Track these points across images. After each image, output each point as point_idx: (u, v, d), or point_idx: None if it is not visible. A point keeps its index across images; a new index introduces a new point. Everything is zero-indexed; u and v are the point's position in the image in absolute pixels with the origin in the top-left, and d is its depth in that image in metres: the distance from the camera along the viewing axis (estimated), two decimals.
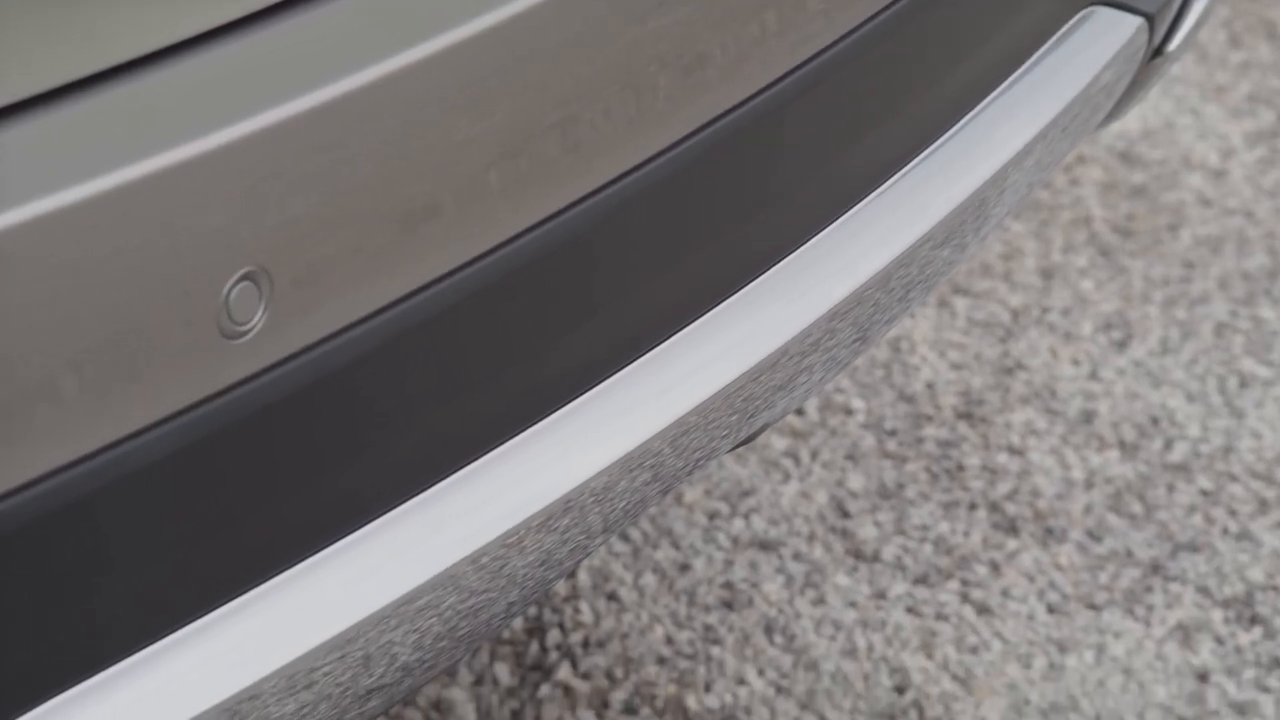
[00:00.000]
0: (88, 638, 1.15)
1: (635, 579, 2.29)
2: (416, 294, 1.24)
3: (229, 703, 1.21)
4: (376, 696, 1.36)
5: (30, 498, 1.07)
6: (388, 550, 1.29)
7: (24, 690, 1.12)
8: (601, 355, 1.39)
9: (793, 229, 1.52)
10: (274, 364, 1.16)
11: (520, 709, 2.12)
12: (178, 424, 1.12)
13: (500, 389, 1.33)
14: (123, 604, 1.16)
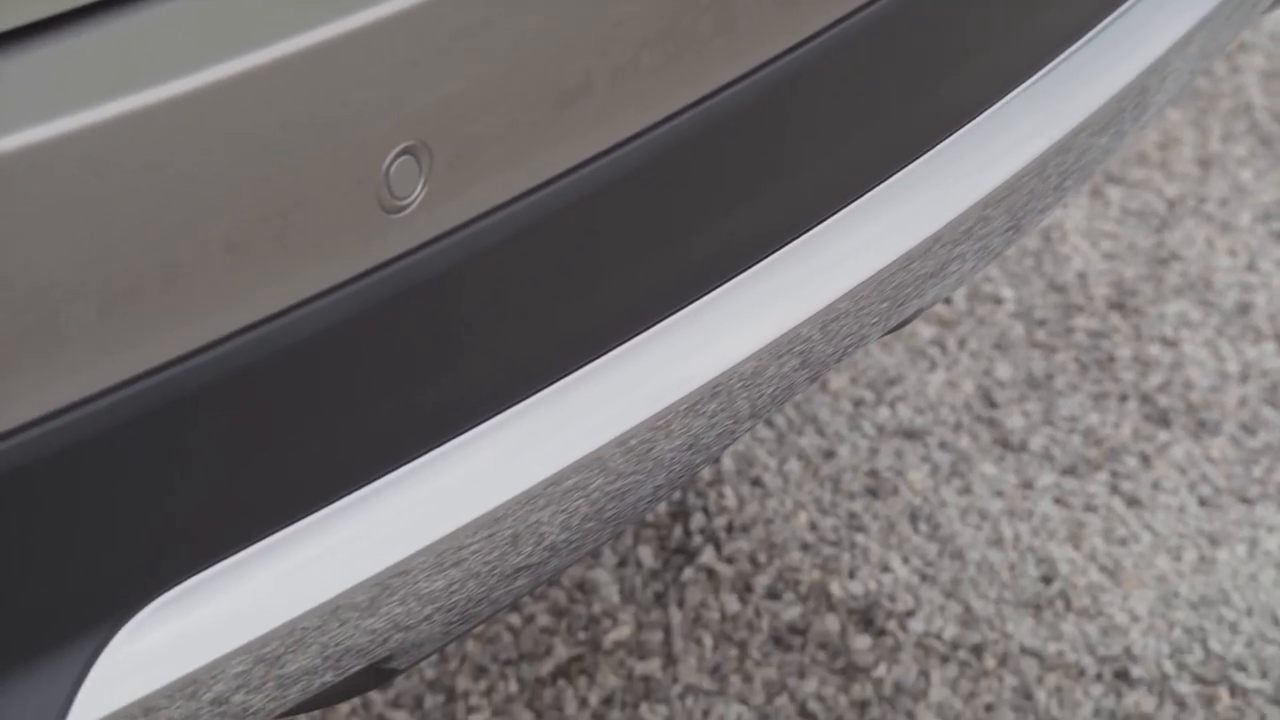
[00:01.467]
0: (251, 507, 1.17)
1: (780, 465, 2.30)
2: (571, 173, 1.24)
3: (380, 577, 1.23)
4: (523, 576, 1.38)
5: (206, 361, 1.09)
6: (537, 431, 1.30)
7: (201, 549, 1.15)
8: (755, 240, 1.39)
9: (952, 113, 1.50)
10: (431, 240, 1.18)
11: (664, 591, 2.14)
12: (338, 297, 1.14)
13: (653, 271, 1.33)
14: (282, 475, 1.18)
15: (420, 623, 1.31)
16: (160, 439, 1.09)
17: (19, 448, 1.02)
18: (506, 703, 2.02)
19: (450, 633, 1.36)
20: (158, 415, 1.08)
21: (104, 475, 1.07)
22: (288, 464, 1.17)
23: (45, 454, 1.03)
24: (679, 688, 2.04)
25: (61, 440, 1.04)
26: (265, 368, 1.12)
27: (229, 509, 1.16)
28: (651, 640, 2.08)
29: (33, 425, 1.03)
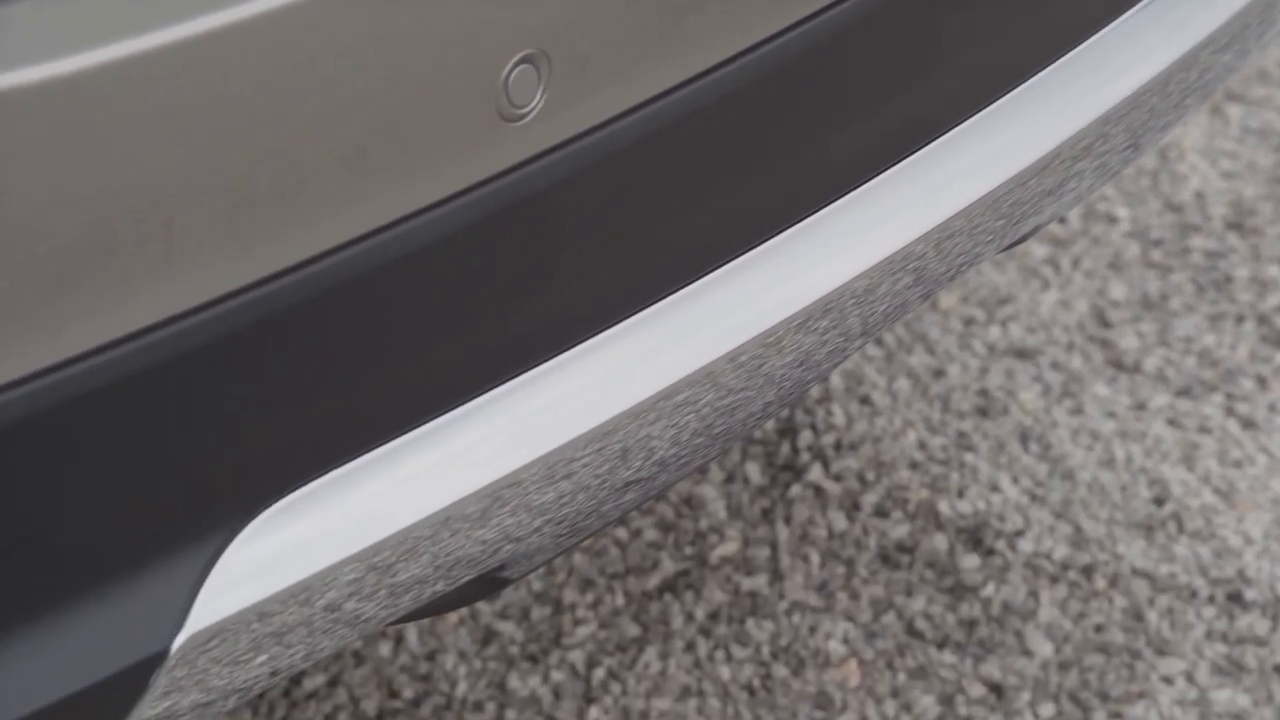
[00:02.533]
0: (366, 416, 1.18)
1: (889, 383, 2.29)
2: (686, 85, 1.24)
3: (491, 488, 1.24)
4: (632, 490, 1.39)
5: (328, 267, 1.10)
6: (649, 346, 1.30)
7: (318, 456, 1.16)
8: (872, 155, 1.38)
9: (1075, 28, 1.49)
10: (549, 149, 1.18)
11: (770, 508, 2.14)
12: (456, 205, 1.15)
13: (767, 187, 1.34)
14: (398, 385, 1.19)
15: (530, 534, 1.32)
16: (281, 344, 1.11)
17: (151, 347, 1.03)
18: (613, 616, 2.03)
19: (560, 545, 1.37)
20: (279, 321, 1.09)
21: (228, 379, 1.09)
22: (403, 374, 1.19)
23: (172, 356, 1.05)
24: (785, 604, 2.05)
25: (186, 343, 1.05)
26: (384, 275, 1.14)
27: (345, 417, 1.17)
28: (758, 556, 2.09)
29: (162, 326, 1.04)
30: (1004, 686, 1.98)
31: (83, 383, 1.01)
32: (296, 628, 1.21)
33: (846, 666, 2.00)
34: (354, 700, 1.94)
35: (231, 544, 1.13)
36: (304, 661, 1.25)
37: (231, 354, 1.08)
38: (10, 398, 0.99)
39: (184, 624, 1.11)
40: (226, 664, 1.18)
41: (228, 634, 1.15)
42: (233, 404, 1.10)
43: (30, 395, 1.00)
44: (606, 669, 1.98)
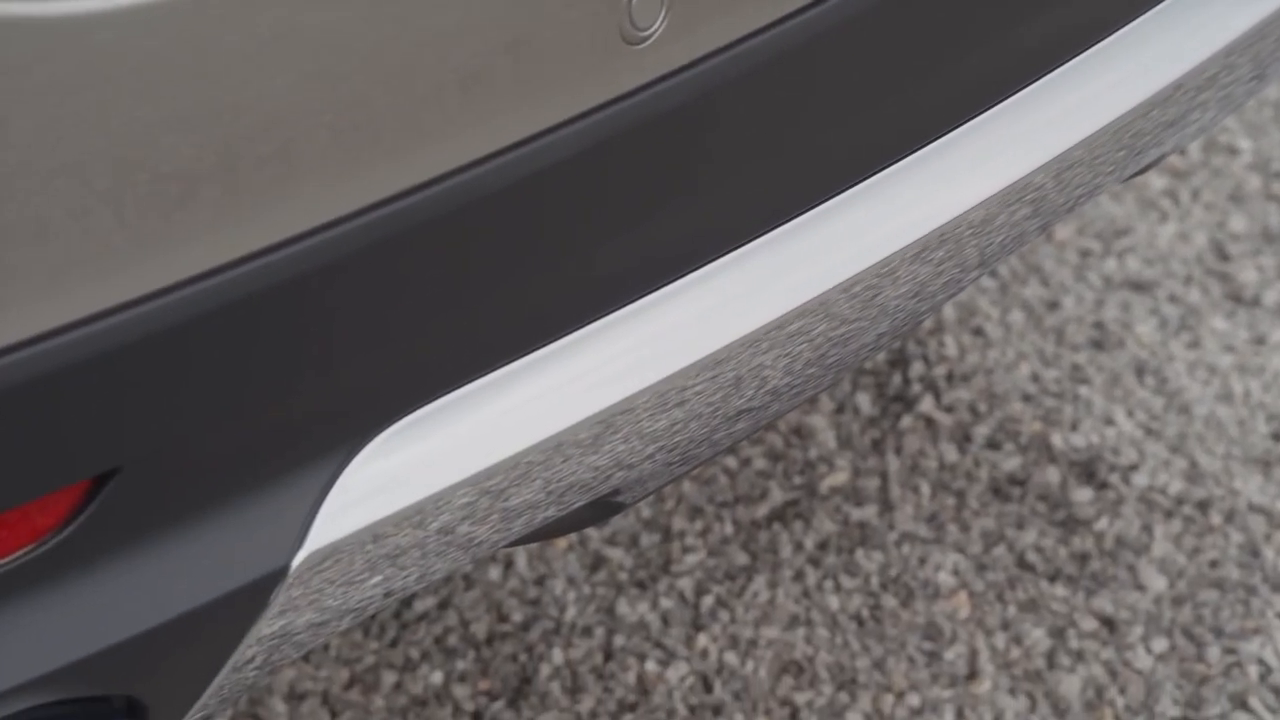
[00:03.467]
0: (482, 340, 1.19)
1: (1002, 315, 2.29)
2: (803, 11, 1.24)
3: (604, 414, 1.25)
4: (744, 419, 1.39)
5: (448, 188, 1.11)
6: (763, 274, 1.31)
7: (434, 380, 1.17)
8: (991, 85, 1.38)
9: None
10: (670, 73, 1.18)
11: (881, 439, 2.15)
12: (578, 128, 1.15)
13: (887, 113, 1.33)
14: (514, 309, 1.20)
15: (641, 461, 1.33)
16: (406, 264, 1.11)
17: (281, 264, 1.05)
18: (722, 544, 2.04)
19: (671, 472, 1.38)
20: (403, 242, 1.10)
21: (355, 298, 1.10)
22: (520, 298, 1.20)
23: (300, 273, 1.06)
24: (895, 535, 2.05)
25: (315, 260, 1.06)
26: (506, 198, 1.14)
27: (463, 341, 1.19)
28: (868, 487, 2.10)
29: (292, 242, 1.05)
30: (1116, 620, 1.97)
31: (214, 299, 1.03)
32: (410, 550, 1.22)
33: (956, 598, 2.00)
34: (464, 623, 1.96)
35: (350, 465, 1.15)
36: (417, 584, 1.27)
37: (358, 274, 1.09)
38: (141, 312, 1.00)
39: (304, 542, 1.13)
40: (341, 584, 1.20)
41: (343, 554, 1.17)
42: (357, 325, 1.11)
43: (159, 310, 1.01)
44: (715, 597, 1.99)
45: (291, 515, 1.12)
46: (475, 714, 1.89)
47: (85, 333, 0.99)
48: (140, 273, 1.00)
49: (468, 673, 1.92)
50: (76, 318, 0.98)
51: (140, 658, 1.09)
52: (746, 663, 1.94)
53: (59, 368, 0.99)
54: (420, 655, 1.93)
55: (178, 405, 1.05)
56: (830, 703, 1.91)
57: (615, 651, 1.95)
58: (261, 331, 1.07)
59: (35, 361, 0.98)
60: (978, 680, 1.93)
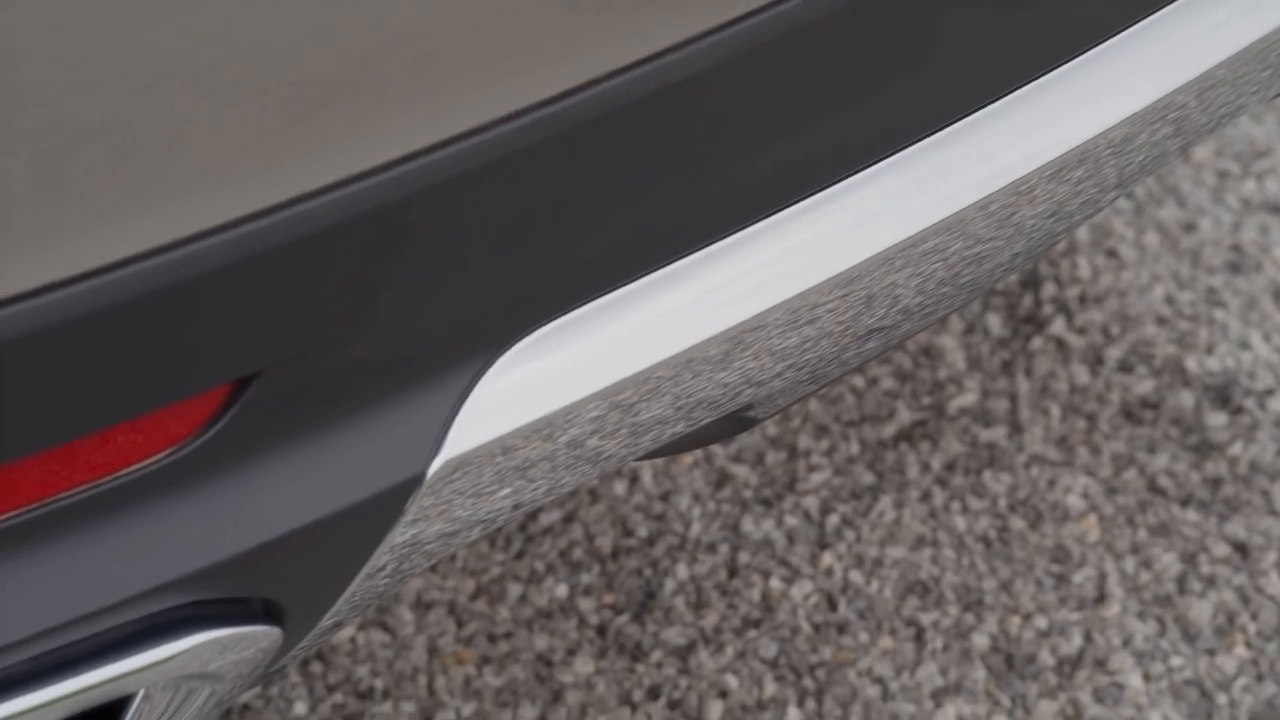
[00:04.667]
0: (617, 253, 1.20)
1: (1137, 236, 2.27)
2: None
3: (734, 331, 1.26)
4: (874, 338, 1.40)
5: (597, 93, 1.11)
6: (899, 191, 1.31)
7: (568, 292, 1.19)
8: (1131, 4, 1.36)
9: None
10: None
11: (1011, 360, 2.14)
12: (729, 33, 1.14)
13: (1024, 31, 1.32)
14: (649, 222, 1.20)
15: (770, 379, 1.34)
16: (545, 173, 1.12)
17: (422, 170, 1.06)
18: (848, 463, 2.05)
19: (800, 391, 1.39)
20: (545, 150, 1.11)
21: (492, 206, 1.11)
22: (655, 212, 1.20)
23: (440, 179, 1.07)
24: (1024, 457, 2.05)
25: (457, 167, 1.07)
26: (648, 106, 1.14)
27: (597, 253, 1.19)
28: (997, 408, 2.10)
29: (437, 148, 1.06)
30: (1249, 546, 1.97)
31: (359, 205, 1.04)
32: (539, 463, 1.24)
33: (1085, 521, 2.00)
34: (589, 537, 1.98)
35: (485, 376, 1.16)
36: (545, 496, 1.29)
37: (502, 182, 1.10)
38: (288, 215, 1.02)
39: (439, 450, 1.15)
40: (470, 496, 1.22)
41: (471, 466, 1.19)
42: (500, 234, 1.12)
43: (305, 215, 1.03)
44: (840, 516, 2.00)
45: (428, 423, 1.14)
46: (599, 627, 1.91)
47: (230, 237, 1.01)
48: (289, 176, 1.02)
49: (592, 586, 1.94)
50: (223, 221, 1.00)
51: (278, 562, 1.11)
52: (871, 582, 1.95)
53: (204, 271, 1.01)
54: (545, 568, 1.95)
55: (320, 310, 1.06)
56: (956, 624, 1.92)
57: (740, 568, 1.96)
58: (406, 239, 1.08)
59: (182, 264, 1.00)
60: (1106, 604, 1.93)
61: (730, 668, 1.88)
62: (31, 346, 0.98)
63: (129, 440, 1.04)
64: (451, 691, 1.86)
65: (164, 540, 1.07)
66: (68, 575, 1.05)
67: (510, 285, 1.16)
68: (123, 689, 1.09)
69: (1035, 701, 1.86)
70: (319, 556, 1.14)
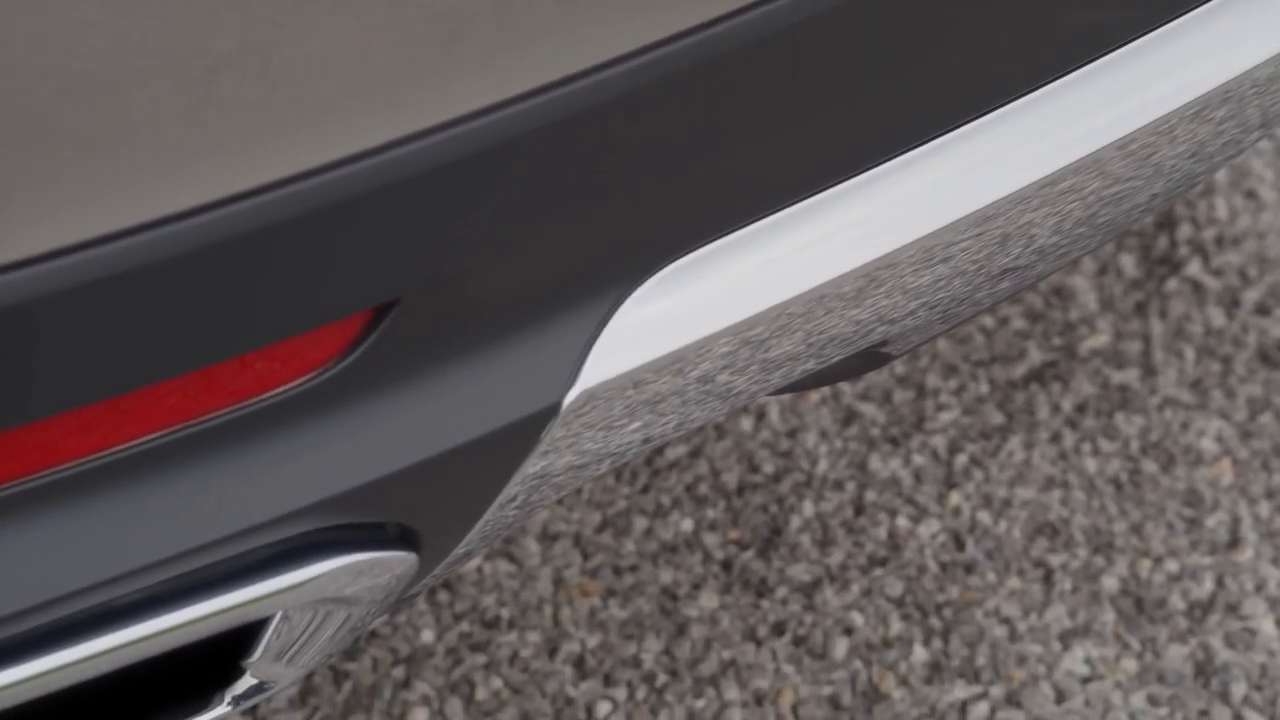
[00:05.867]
0: (751, 187, 1.21)
1: (1277, 178, 2.26)
2: None
3: (868, 268, 1.27)
4: (1008, 278, 1.40)
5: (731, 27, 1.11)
6: (1037, 128, 1.31)
7: (703, 226, 1.20)
8: None
9: None
10: None
11: (1145, 301, 2.14)
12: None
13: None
14: (782, 156, 1.21)
15: (903, 318, 1.34)
16: (685, 104, 1.13)
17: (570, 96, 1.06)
18: (977, 403, 2.05)
19: (931, 330, 1.39)
20: (687, 81, 1.11)
21: (631, 137, 1.12)
22: (791, 146, 1.21)
23: (585, 108, 1.08)
24: (1157, 399, 2.05)
25: (599, 96, 1.08)
26: (786, 39, 1.14)
27: (733, 186, 1.20)
28: (1130, 350, 2.09)
29: (581, 76, 1.07)
30: None
31: (500, 132, 1.05)
32: (669, 397, 1.25)
33: (1219, 465, 2.00)
34: (715, 472, 1.99)
35: (620, 308, 1.17)
36: (674, 431, 1.30)
37: (641, 112, 1.11)
38: (429, 143, 1.03)
39: (575, 381, 1.16)
40: (600, 429, 1.23)
41: (604, 399, 1.20)
42: (640, 164, 1.13)
43: (447, 142, 1.04)
44: (969, 455, 2.01)
45: (564, 353, 1.15)
46: (725, 562, 1.93)
47: (370, 164, 1.02)
48: (434, 102, 1.03)
49: (718, 521, 1.96)
50: (362, 148, 1.01)
51: (415, 488, 1.13)
52: (1000, 522, 1.96)
53: (348, 197, 1.02)
54: (671, 502, 1.97)
55: (460, 237, 1.08)
56: (1085, 566, 1.92)
57: (866, 506, 1.97)
58: (547, 166, 1.09)
59: (325, 190, 1.01)
60: (1239, 549, 1.93)
61: (856, 605, 1.90)
62: (178, 270, 1.00)
63: (270, 366, 1.06)
64: (576, 623, 1.88)
65: (304, 465, 1.09)
66: (211, 498, 1.07)
67: (647, 217, 1.17)
68: (262, 610, 1.12)
69: (1165, 645, 1.86)
70: (455, 484, 1.16)
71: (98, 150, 0.96)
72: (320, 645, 1.18)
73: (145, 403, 1.05)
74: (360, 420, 1.10)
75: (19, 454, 1.02)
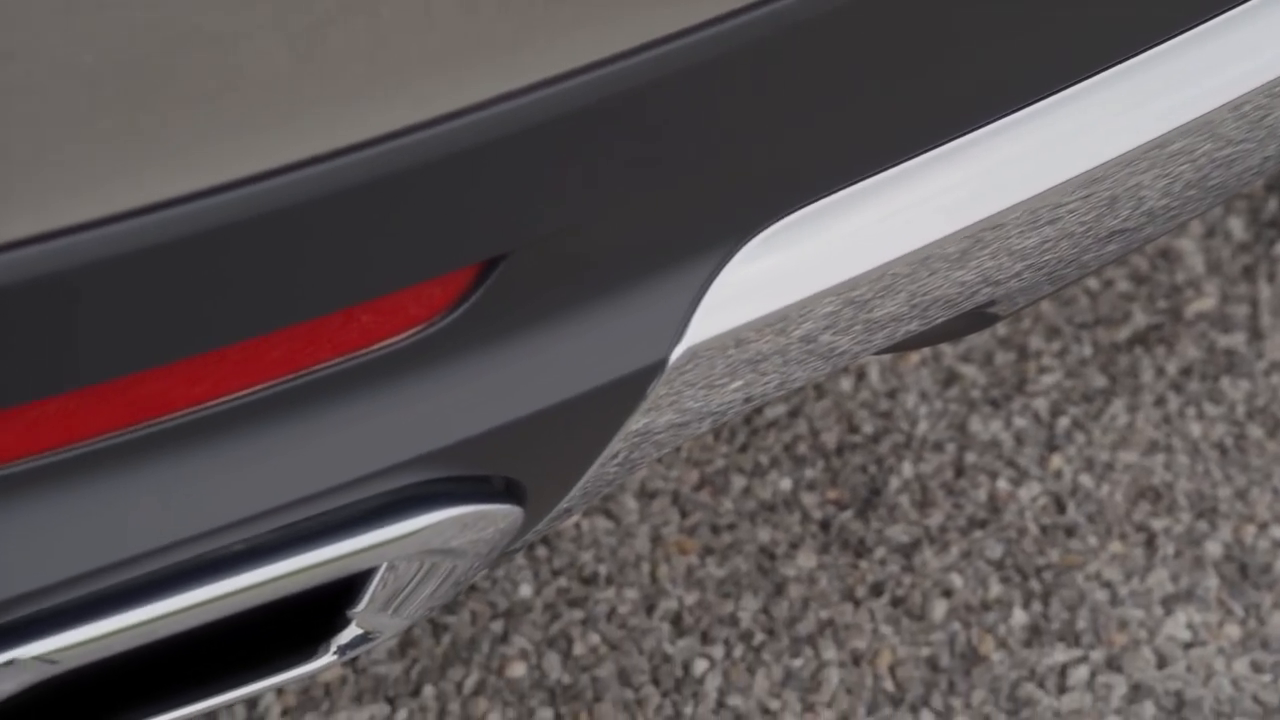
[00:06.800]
0: (856, 146, 1.21)
1: None
2: None
3: (973, 229, 1.27)
4: (1115, 241, 1.40)
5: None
6: (1148, 89, 1.30)
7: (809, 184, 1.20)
8: None
9: None
10: None
11: (1252, 265, 2.13)
12: None
13: None
14: (889, 117, 1.21)
15: (1008, 279, 1.35)
16: (790, 63, 1.13)
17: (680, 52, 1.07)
18: (1080, 365, 2.05)
19: (1036, 292, 1.40)
20: (792, 35, 1.12)
21: (744, 92, 1.12)
22: (899, 105, 1.21)
23: (690, 65, 1.08)
24: (1264, 364, 2.04)
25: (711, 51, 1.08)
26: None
27: (839, 145, 1.21)
28: (1236, 314, 2.09)
29: (694, 30, 1.07)
30: None
31: (613, 85, 1.06)
32: (771, 356, 1.26)
33: None
34: (814, 432, 2.00)
35: (727, 265, 1.18)
36: (776, 391, 1.31)
37: (752, 67, 1.11)
38: (540, 97, 1.04)
39: (682, 337, 1.17)
40: (701, 387, 1.24)
41: (706, 356, 1.21)
42: (751, 120, 1.14)
43: (557, 96, 1.05)
44: (1071, 418, 2.01)
45: (671, 310, 1.16)
46: (823, 522, 1.94)
47: (484, 117, 1.03)
48: (543, 57, 1.04)
49: (816, 481, 1.97)
50: (475, 101, 1.02)
51: (522, 442, 1.15)
52: (1102, 486, 1.96)
53: (463, 149, 1.03)
54: (769, 461, 1.98)
55: (572, 191, 1.09)
56: (1188, 530, 1.92)
57: (966, 468, 1.98)
58: (660, 120, 1.10)
59: (438, 143, 1.03)
60: None
61: (955, 567, 1.90)
62: (295, 222, 1.01)
63: (380, 319, 1.08)
64: (674, 580, 1.89)
65: (413, 418, 1.10)
66: (322, 448, 1.09)
67: (756, 174, 1.17)
68: (370, 561, 1.13)
69: (1269, 612, 1.86)
70: (560, 439, 1.18)
71: (213, 101, 0.97)
72: (424, 597, 1.20)
73: (250, 353, 1.07)
74: (469, 374, 1.11)
75: (132, 402, 1.05)
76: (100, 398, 1.03)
